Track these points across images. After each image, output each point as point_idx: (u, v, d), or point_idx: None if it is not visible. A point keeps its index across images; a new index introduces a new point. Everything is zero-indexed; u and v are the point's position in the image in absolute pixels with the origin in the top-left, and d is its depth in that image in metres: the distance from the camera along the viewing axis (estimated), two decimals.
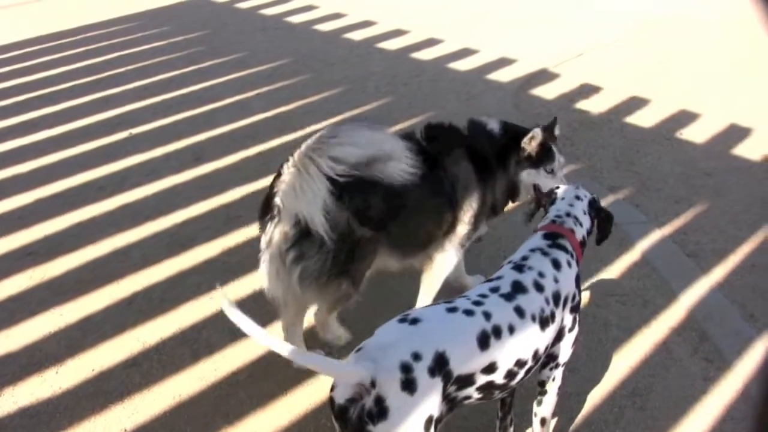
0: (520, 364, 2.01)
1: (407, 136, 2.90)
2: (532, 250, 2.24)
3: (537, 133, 2.97)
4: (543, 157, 3.05)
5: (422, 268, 3.13)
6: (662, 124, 5.11)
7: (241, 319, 1.70)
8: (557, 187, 2.58)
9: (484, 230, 3.24)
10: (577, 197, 2.46)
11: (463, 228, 3.03)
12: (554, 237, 2.29)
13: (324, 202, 2.49)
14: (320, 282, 2.62)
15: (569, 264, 2.22)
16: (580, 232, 2.37)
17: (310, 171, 2.50)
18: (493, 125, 3.09)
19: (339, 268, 2.62)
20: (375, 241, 2.72)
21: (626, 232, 3.85)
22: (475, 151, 2.98)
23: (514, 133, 3.06)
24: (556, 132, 3.19)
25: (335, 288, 2.69)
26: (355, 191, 2.57)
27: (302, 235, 2.55)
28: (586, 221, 2.42)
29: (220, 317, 3.31)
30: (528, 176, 3.06)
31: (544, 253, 2.22)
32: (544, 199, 2.56)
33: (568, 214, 2.39)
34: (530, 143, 3.00)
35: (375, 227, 2.67)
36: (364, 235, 2.64)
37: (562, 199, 2.47)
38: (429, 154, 2.83)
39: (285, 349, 1.71)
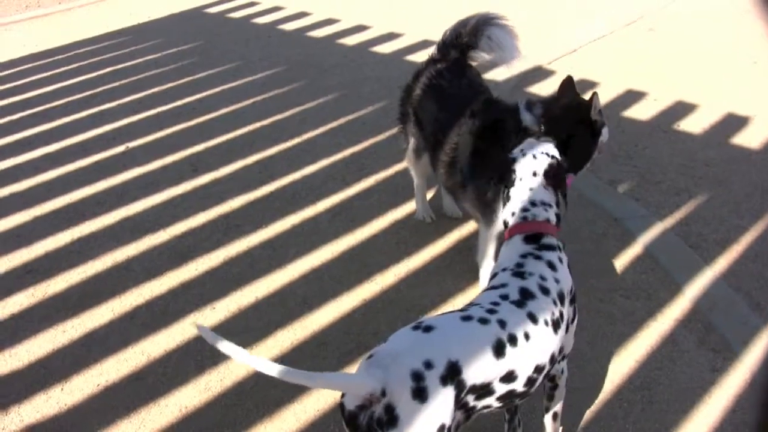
0: (539, 370, 1.99)
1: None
2: (524, 256, 2.17)
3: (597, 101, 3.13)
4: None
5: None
6: (659, 116, 5.10)
7: (222, 344, 1.67)
8: (513, 156, 2.34)
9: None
10: (534, 173, 2.27)
11: (474, 204, 3.26)
12: (536, 238, 2.21)
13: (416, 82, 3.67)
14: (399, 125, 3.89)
15: (560, 260, 2.19)
16: (553, 213, 2.26)
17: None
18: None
19: (400, 114, 3.83)
20: (412, 120, 3.69)
21: (627, 226, 3.84)
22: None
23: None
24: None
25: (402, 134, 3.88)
26: (426, 82, 3.59)
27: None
28: (550, 196, 2.27)
29: (223, 327, 3.31)
30: None
31: (537, 257, 2.16)
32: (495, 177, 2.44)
33: (533, 203, 2.25)
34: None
35: (412, 106, 3.67)
36: (408, 110, 3.72)
37: (521, 180, 2.28)
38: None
39: (274, 369, 1.67)
